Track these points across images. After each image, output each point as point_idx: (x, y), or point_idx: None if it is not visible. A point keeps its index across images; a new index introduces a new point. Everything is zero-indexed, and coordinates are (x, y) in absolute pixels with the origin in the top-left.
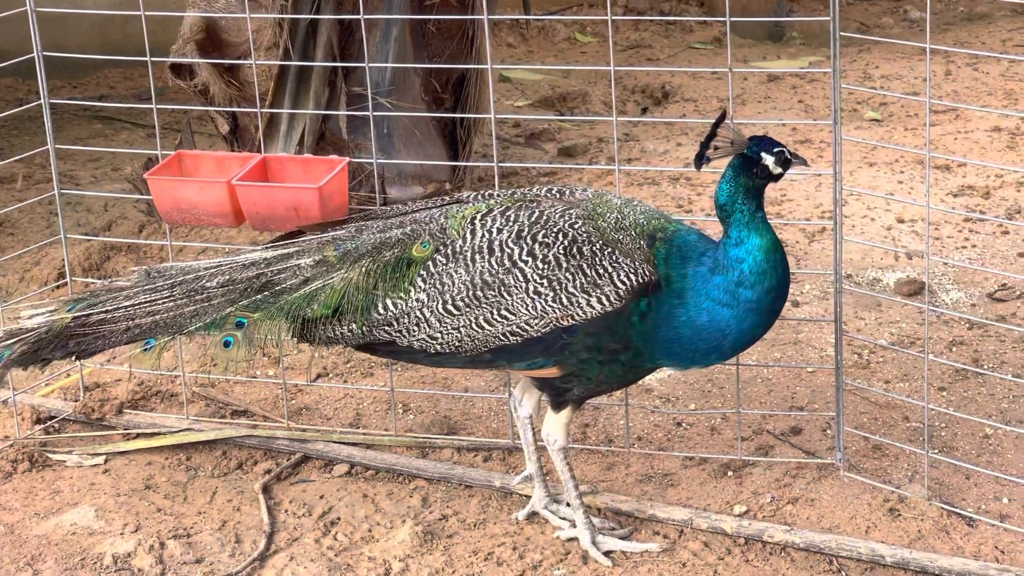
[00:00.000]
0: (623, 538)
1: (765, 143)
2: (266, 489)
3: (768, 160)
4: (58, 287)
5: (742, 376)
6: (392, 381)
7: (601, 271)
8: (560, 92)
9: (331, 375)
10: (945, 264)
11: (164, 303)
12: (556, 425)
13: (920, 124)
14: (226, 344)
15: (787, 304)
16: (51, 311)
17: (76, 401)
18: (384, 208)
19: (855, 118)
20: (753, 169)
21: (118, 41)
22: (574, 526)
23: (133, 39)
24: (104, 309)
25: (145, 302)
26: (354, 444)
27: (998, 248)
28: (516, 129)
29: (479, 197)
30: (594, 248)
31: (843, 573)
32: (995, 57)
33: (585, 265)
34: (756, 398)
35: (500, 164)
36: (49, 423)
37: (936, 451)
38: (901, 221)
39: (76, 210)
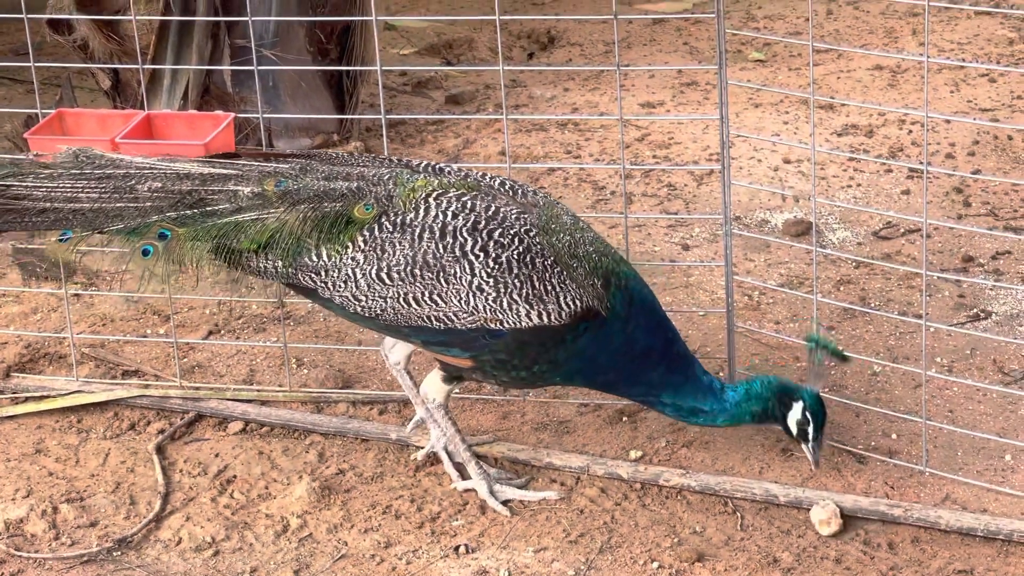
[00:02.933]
0: (521, 487)
1: (813, 406)
2: (160, 449)
3: (795, 409)
4: None
5: None
6: (285, 337)
7: (549, 288)
8: (446, 39)
9: (223, 332)
10: (831, 204)
11: (88, 193)
12: (435, 386)
13: (804, 64)
14: (144, 252)
15: (677, 248)
16: None
17: None
18: (331, 153)
19: (740, 59)
20: (785, 399)
21: None
22: (465, 477)
23: None
24: (25, 184)
25: (69, 187)
26: (248, 401)
27: (882, 187)
28: (403, 78)
29: (430, 169)
30: (546, 263)
31: (738, 514)
32: None
33: (535, 277)
34: None
35: (388, 116)
36: None
37: (825, 390)
38: (787, 162)
39: None
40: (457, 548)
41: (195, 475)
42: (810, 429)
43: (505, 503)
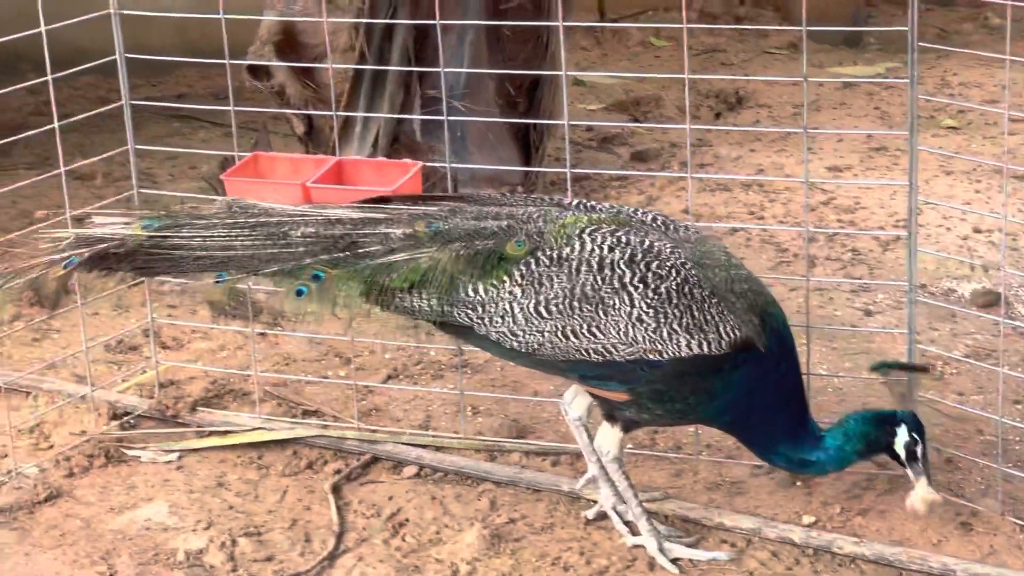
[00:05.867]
0: (690, 546)
1: (914, 424)
2: (336, 489)
3: (901, 433)
4: (134, 285)
5: (813, 385)
6: (461, 384)
7: (708, 317)
8: (634, 96)
9: (401, 377)
10: (1022, 276)
11: (243, 240)
12: (609, 438)
13: (999, 133)
14: (299, 293)
15: (859, 313)
16: (125, 223)
17: (151, 398)
18: (480, 194)
19: (932, 126)
20: (886, 427)
21: (197, 41)
22: (635, 533)
23: (212, 40)
24: (181, 235)
25: (224, 236)
26: (423, 446)
27: None
28: (589, 133)
29: (580, 207)
30: (704, 294)
31: None
32: None
33: (695, 307)
34: (827, 407)
35: (572, 169)
36: (125, 419)
37: (1010, 465)
38: (978, 231)
39: (153, 208)
40: None
41: (369, 516)
42: (919, 449)
43: (674, 561)
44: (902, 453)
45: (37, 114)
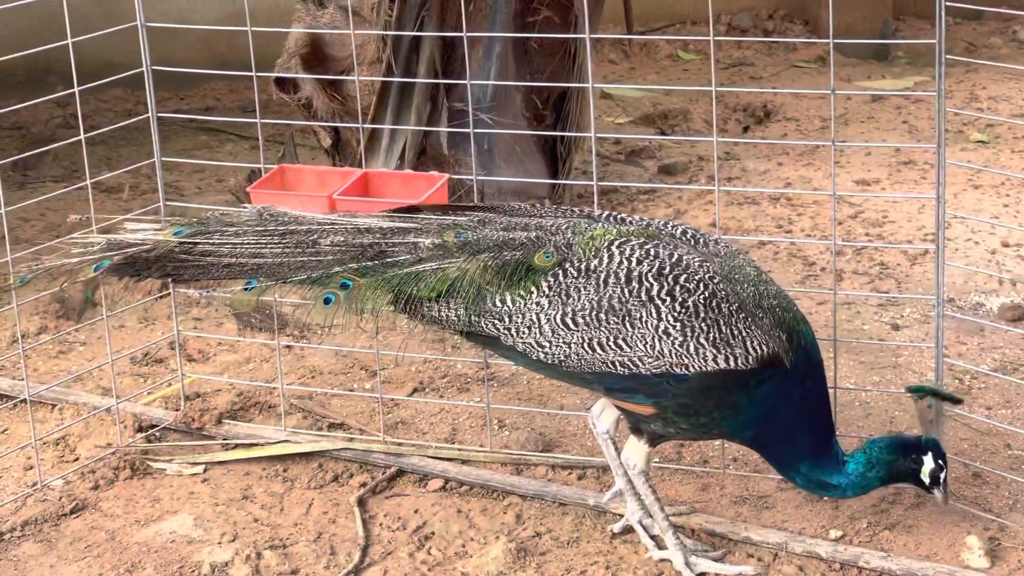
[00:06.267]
0: (716, 560)
1: (939, 452)
2: (361, 502)
3: (927, 461)
4: (161, 297)
5: (840, 399)
6: (488, 397)
7: (736, 332)
8: (661, 110)
9: (427, 389)
10: None
11: (272, 248)
12: (636, 452)
13: None
14: (326, 301)
15: (887, 327)
16: (156, 229)
17: (177, 410)
18: (509, 205)
19: (960, 140)
20: (912, 455)
21: (224, 54)
22: (661, 547)
23: (239, 52)
24: (211, 241)
25: (253, 243)
26: (449, 459)
27: None
28: (616, 146)
29: (610, 219)
30: (732, 308)
31: None
32: None
33: (722, 321)
34: (854, 422)
35: (600, 182)
36: (150, 431)
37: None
38: (1006, 245)
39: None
40: None
41: (394, 529)
42: (943, 475)
43: (700, 575)
44: (927, 480)
45: (65, 127)
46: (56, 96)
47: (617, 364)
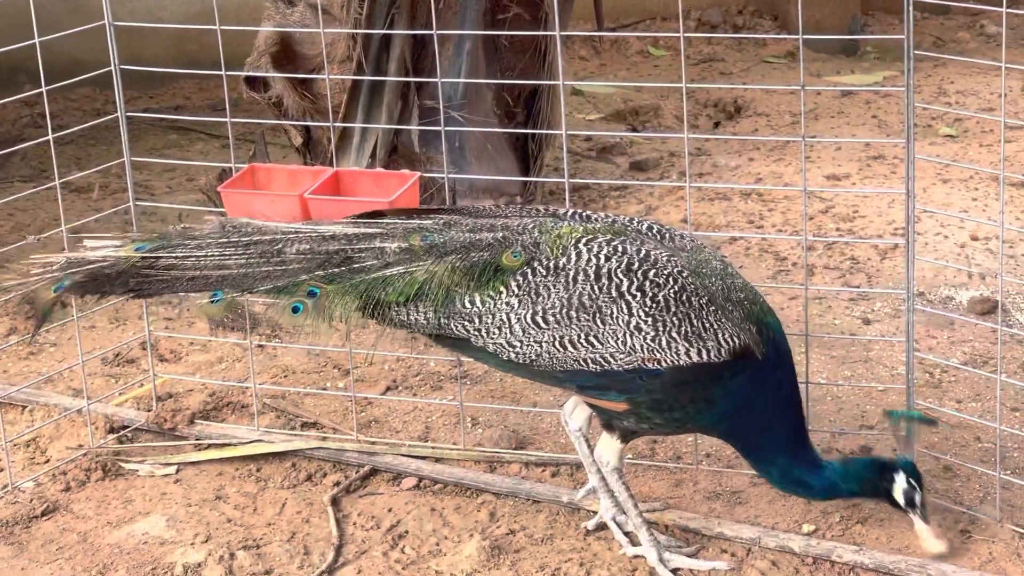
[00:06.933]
0: (690, 556)
1: (913, 472)
2: (335, 501)
3: (900, 481)
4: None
5: (812, 394)
6: (461, 395)
7: (707, 325)
8: (632, 106)
9: (400, 388)
10: (1019, 283)
11: (236, 259)
12: (609, 449)
13: (996, 141)
14: (294, 310)
15: (858, 321)
16: (117, 246)
17: (149, 411)
18: (475, 207)
19: (929, 134)
20: (885, 473)
21: (194, 52)
22: (635, 543)
23: (209, 51)
24: (174, 255)
25: (217, 255)
26: (423, 458)
27: None
28: (588, 143)
29: (576, 217)
30: (702, 302)
31: None
32: None
33: (693, 315)
34: (825, 416)
35: (571, 179)
36: (122, 432)
37: (1008, 472)
38: (975, 239)
39: (151, 220)
40: None
41: (368, 528)
42: (917, 496)
43: (674, 571)
44: (901, 500)
45: (33, 126)
46: (24, 95)
47: (589, 361)
